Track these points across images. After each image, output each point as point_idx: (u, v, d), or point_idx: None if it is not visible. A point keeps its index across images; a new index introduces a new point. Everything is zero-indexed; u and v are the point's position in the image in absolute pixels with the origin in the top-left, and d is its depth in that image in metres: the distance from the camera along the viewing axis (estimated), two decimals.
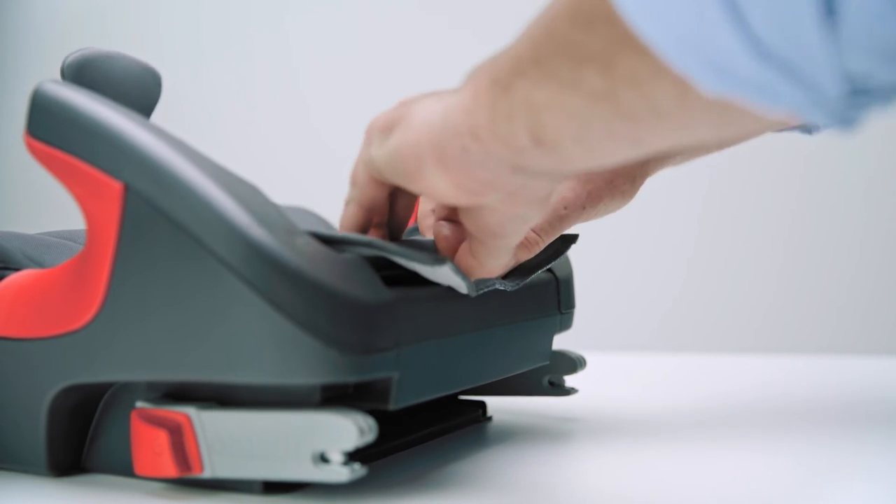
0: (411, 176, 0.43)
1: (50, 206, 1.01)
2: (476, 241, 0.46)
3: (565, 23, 0.35)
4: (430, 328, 0.45)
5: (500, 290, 0.51)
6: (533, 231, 0.53)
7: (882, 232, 1.32)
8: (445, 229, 0.48)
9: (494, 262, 0.47)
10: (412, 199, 0.51)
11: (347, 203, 0.50)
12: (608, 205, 0.57)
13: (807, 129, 0.61)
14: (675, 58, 0.31)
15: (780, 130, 0.61)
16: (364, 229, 0.50)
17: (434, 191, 0.43)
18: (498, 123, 0.39)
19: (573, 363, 0.62)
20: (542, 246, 0.53)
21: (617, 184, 0.57)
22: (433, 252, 0.47)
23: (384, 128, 0.44)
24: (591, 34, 0.34)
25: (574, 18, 0.34)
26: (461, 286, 0.47)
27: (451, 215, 0.48)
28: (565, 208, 0.55)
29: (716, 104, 0.33)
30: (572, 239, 0.56)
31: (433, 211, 0.52)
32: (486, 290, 0.49)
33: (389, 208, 0.50)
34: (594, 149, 0.38)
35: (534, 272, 0.53)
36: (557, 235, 0.54)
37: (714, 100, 0.32)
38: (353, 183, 0.49)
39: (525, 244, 0.53)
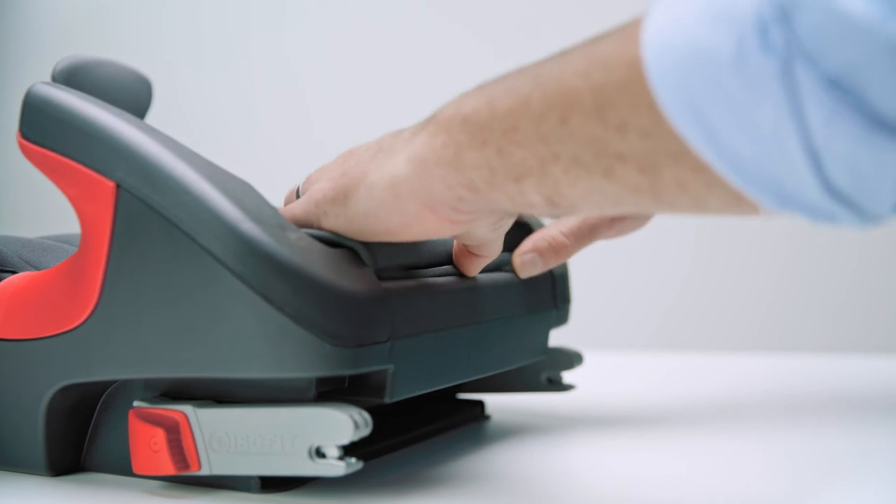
0: (396, 229, 0.43)
1: (52, 210, 1.01)
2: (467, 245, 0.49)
3: (588, 119, 0.34)
4: (424, 321, 0.46)
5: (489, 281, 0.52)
6: (563, 235, 0.55)
7: (882, 231, 1.32)
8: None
9: (486, 260, 0.50)
10: None
11: None
12: (632, 224, 0.58)
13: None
14: (748, 189, 0.32)
15: None
16: None
17: (425, 233, 0.44)
18: (501, 182, 0.39)
19: (570, 359, 0.62)
20: (572, 252, 0.55)
21: None
22: None
23: (336, 199, 0.44)
24: (624, 138, 0.34)
25: (601, 117, 0.34)
26: None
27: None
28: (596, 218, 0.56)
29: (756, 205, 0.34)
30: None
31: None
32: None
33: None
34: (614, 211, 0.37)
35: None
36: (587, 243, 0.56)
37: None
38: None
39: (554, 247, 0.54)
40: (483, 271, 0.52)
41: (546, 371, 0.62)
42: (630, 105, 0.33)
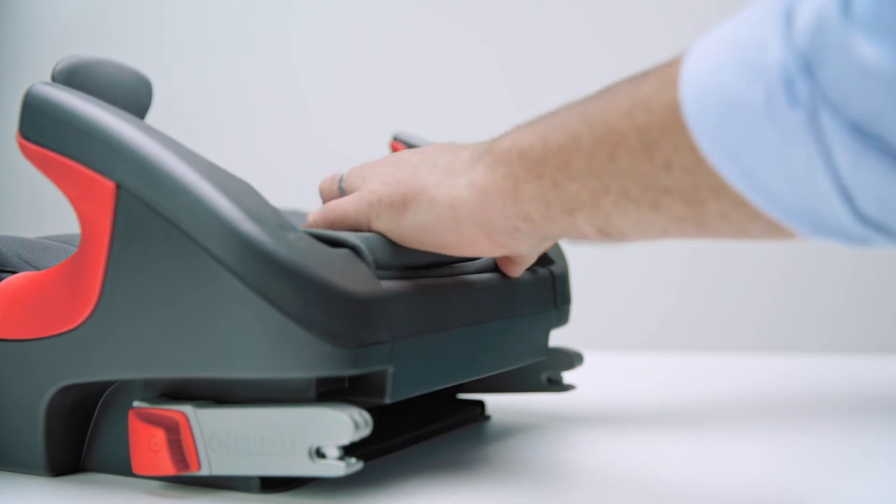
0: (450, 246, 0.46)
1: (52, 210, 1.01)
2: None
3: (635, 156, 0.37)
4: (425, 321, 0.45)
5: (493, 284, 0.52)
6: None
7: None
8: None
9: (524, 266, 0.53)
10: None
11: None
12: None
13: None
14: (786, 220, 0.35)
15: None
16: None
17: (475, 253, 0.47)
18: (556, 215, 0.41)
19: (570, 359, 0.62)
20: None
21: None
22: None
23: (392, 204, 0.46)
24: (670, 174, 0.36)
25: (648, 155, 0.37)
26: None
27: None
28: None
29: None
30: None
31: None
32: None
33: None
34: (662, 238, 0.40)
35: None
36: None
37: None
38: None
39: None
40: (484, 272, 0.52)
41: (546, 371, 0.62)
42: (673, 146, 0.36)
